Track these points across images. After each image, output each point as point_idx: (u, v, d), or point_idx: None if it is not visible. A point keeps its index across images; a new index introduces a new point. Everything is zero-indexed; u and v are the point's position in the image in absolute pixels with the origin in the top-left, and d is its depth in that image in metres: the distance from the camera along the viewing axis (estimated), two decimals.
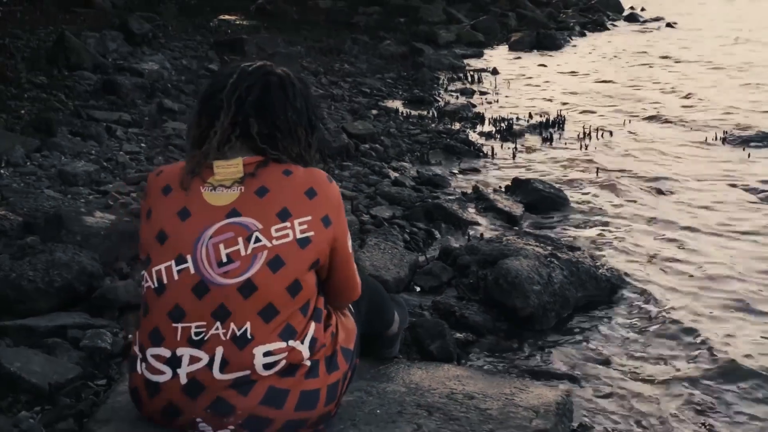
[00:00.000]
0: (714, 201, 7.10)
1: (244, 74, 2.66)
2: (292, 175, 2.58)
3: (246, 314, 2.46)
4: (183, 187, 2.58)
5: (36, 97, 8.70)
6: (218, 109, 2.62)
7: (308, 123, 2.74)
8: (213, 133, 2.60)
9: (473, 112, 10.67)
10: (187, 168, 2.62)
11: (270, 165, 2.60)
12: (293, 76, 2.75)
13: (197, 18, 15.52)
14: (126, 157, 6.88)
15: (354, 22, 17.81)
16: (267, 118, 2.63)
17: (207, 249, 2.48)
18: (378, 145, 8.48)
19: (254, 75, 2.66)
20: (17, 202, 5.21)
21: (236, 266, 2.48)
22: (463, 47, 16.75)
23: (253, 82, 2.65)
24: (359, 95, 11.19)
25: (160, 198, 2.60)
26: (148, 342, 2.54)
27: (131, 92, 9.19)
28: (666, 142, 9.25)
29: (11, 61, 10.29)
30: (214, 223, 2.51)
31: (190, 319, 2.47)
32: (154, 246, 2.55)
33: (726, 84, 12.75)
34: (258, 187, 2.54)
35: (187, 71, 11.07)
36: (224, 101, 2.61)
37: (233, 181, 2.55)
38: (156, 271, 2.53)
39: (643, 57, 15.75)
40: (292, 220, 2.51)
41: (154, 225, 2.57)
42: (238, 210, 2.52)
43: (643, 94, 12.12)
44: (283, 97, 2.67)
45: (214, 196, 2.55)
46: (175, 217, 2.54)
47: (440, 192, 7.14)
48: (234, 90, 2.62)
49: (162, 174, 2.69)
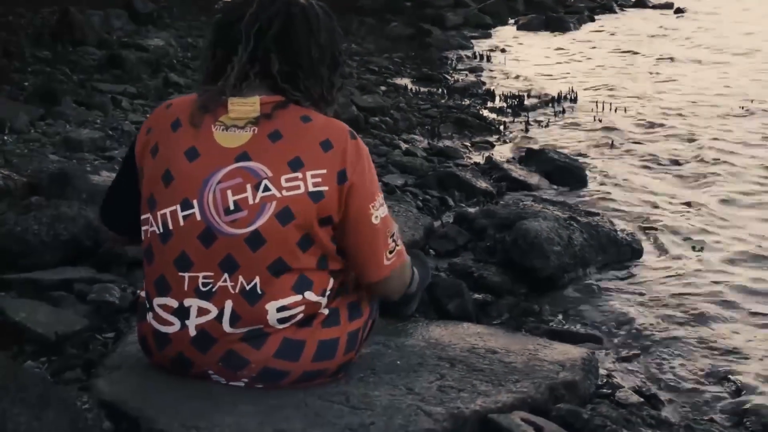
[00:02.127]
0: (737, 170, 6.93)
1: (264, 3, 2.45)
2: (311, 123, 2.38)
3: (255, 268, 2.30)
4: (193, 124, 2.39)
5: (40, 71, 8.59)
6: (236, 42, 2.40)
7: (332, 60, 2.53)
8: (230, 68, 2.40)
9: (483, 89, 10.53)
10: (198, 103, 2.43)
11: (289, 107, 2.40)
12: (317, 6, 2.54)
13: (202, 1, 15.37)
14: (132, 126, 6.76)
15: (360, 5, 17.66)
16: (289, 54, 2.42)
17: (214, 194, 2.31)
18: (388, 119, 8.35)
19: (276, 4, 2.45)
20: (21, 165, 5.09)
21: (244, 215, 2.30)
22: (471, 29, 16.59)
23: (275, 13, 2.43)
24: (367, 73, 11.05)
25: (168, 133, 2.41)
26: (154, 291, 2.39)
27: (136, 67, 9.07)
28: (681, 114, 9.11)
29: (14, 37, 10.17)
30: (223, 167, 2.33)
31: (197, 269, 2.32)
32: (159, 187, 2.37)
33: (740, 62, 12.58)
34: (272, 131, 2.35)
35: (192, 48, 10.94)
36: (243, 33, 2.40)
37: (247, 120, 2.36)
38: (161, 215, 2.36)
39: (653, 38, 15.59)
40: (304, 171, 2.31)
41: (160, 163, 2.39)
42: (248, 154, 2.33)
43: (656, 70, 11.96)
44: (307, 31, 2.45)
45: (226, 136, 2.36)
46: (182, 157, 2.35)
47: (452, 162, 6.99)
48: (254, 21, 2.40)
49: (172, 107, 2.50)
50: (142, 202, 2.45)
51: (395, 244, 2.54)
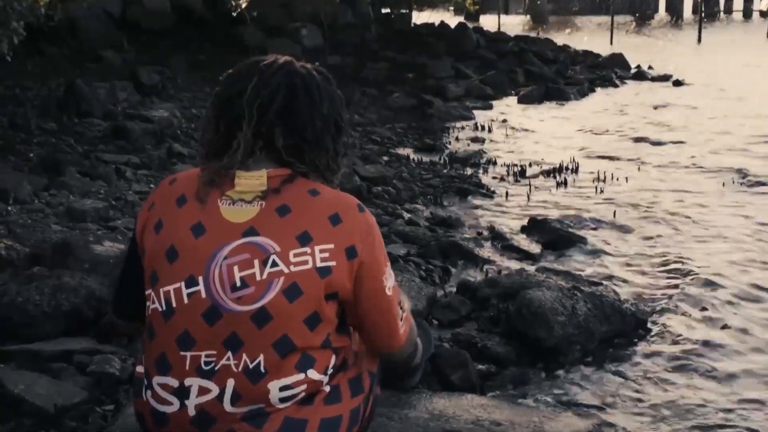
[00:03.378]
0: (736, 240, 6.95)
1: (265, 76, 2.43)
2: (319, 197, 2.35)
3: (259, 346, 2.26)
4: (198, 199, 2.36)
5: (45, 142, 8.67)
6: (239, 118, 2.38)
7: (335, 127, 2.51)
8: (236, 143, 2.38)
9: (485, 158, 10.59)
10: (204, 178, 2.40)
11: (296, 181, 2.37)
12: (317, 74, 2.54)
13: (206, 72, 15.57)
14: (135, 196, 6.79)
15: (363, 77, 17.89)
16: (293, 128, 2.39)
17: (221, 270, 2.27)
18: (390, 188, 8.38)
19: (277, 77, 2.43)
20: (24, 235, 5.09)
21: (250, 292, 2.26)
22: (473, 100, 16.73)
23: (277, 86, 2.41)
24: (370, 143, 11.13)
25: (173, 209, 2.37)
26: (154, 369, 2.34)
27: (141, 137, 9.16)
28: (682, 185, 9.15)
29: (21, 109, 10.30)
30: (229, 242, 2.29)
31: (200, 348, 2.26)
32: (163, 263, 2.34)
33: (737, 133, 12.68)
34: (280, 205, 2.31)
35: (196, 119, 11.05)
36: (246, 110, 2.39)
37: (254, 195, 2.34)
38: (164, 292, 2.31)
39: (652, 110, 15.73)
40: (313, 245, 2.28)
41: (165, 239, 2.35)
42: (256, 229, 2.29)
43: (654, 143, 12.03)
44: (309, 103, 2.43)
45: (233, 210, 2.32)
46: (188, 233, 2.32)
47: (455, 231, 6.99)
48: (256, 96, 2.38)
49: (176, 182, 2.46)
50: (144, 278, 2.41)
51: (402, 310, 2.53)
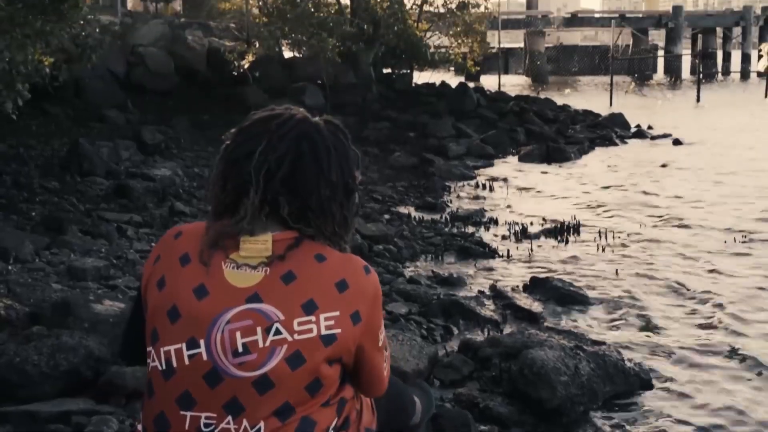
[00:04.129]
0: (737, 299, 6.92)
1: (274, 140, 2.39)
2: (325, 262, 2.31)
3: (260, 412, 2.22)
4: (202, 261, 2.35)
5: (47, 201, 8.69)
6: (246, 183, 2.37)
7: (344, 194, 2.44)
8: (243, 210, 2.36)
9: (486, 217, 10.60)
10: (208, 240, 2.37)
11: (302, 245, 2.33)
12: (328, 135, 2.49)
13: (209, 131, 15.69)
14: (136, 255, 6.78)
15: (364, 136, 18.01)
16: (298, 196, 2.37)
17: (222, 335, 2.24)
18: (392, 247, 8.38)
19: (285, 141, 2.38)
20: (24, 294, 5.06)
21: (253, 358, 2.22)
22: (474, 159, 16.83)
23: (284, 152, 2.35)
24: (371, 201, 11.15)
25: (176, 267, 2.34)
26: (152, 427, 2.31)
27: (143, 196, 9.19)
28: (683, 244, 9.13)
29: (24, 168, 10.35)
30: (233, 307, 2.25)
31: (200, 409, 2.23)
32: (164, 322, 2.31)
33: (737, 191, 12.71)
34: (285, 272, 2.28)
35: (198, 178, 11.10)
36: (253, 177, 2.37)
37: (259, 260, 2.31)
38: (164, 352, 2.28)
39: (653, 169, 15.80)
40: (318, 313, 2.24)
41: (167, 298, 2.32)
42: (260, 295, 2.26)
43: (655, 201, 12.07)
44: (316, 170, 2.38)
45: (237, 275, 2.29)
46: (190, 294, 2.29)
47: (456, 290, 6.97)
48: (263, 162, 2.34)
49: (181, 237, 2.43)
50: (145, 333, 2.39)
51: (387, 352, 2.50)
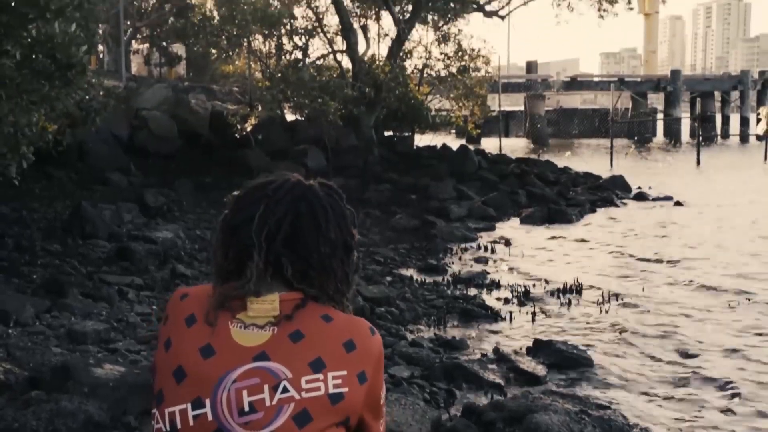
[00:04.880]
0: (747, 363, 6.86)
1: (271, 204, 2.45)
2: (332, 323, 2.32)
3: None
4: (209, 322, 2.34)
5: (49, 264, 8.68)
6: (249, 247, 2.40)
7: (344, 250, 2.49)
8: (249, 273, 2.38)
9: (489, 279, 10.57)
10: (215, 302, 2.38)
11: (308, 306, 2.35)
12: (324, 196, 2.54)
13: (211, 194, 15.76)
14: (137, 318, 6.75)
15: (366, 198, 18.07)
16: (299, 255, 2.41)
17: (228, 394, 2.23)
18: (394, 309, 8.34)
19: (282, 204, 2.44)
20: (24, 358, 5.03)
21: (259, 417, 2.21)
22: (475, 221, 16.85)
23: (283, 214, 2.41)
24: (373, 263, 11.14)
25: (183, 328, 2.35)
26: None
27: (144, 258, 9.18)
28: (686, 306, 9.10)
29: (27, 231, 10.37)
30: (239, 366, 2.25)
31: None
32: (170, 383, 2.30)
33: (739, 253, 12.70)
34: (293, 331, 2.29)
35: (200, 240, 11.10)
36: (255, 240, 2.39)
37: (267, 320, 2.32)
38: (169, 413, 2.27)
39: (654, 231, 15.81)
40: (326, 372, 2.24)
41: (173, 359, 2.32)
42: (267, 354, 2.25)
43: (657, 263, 12.05)
44: (315, 229, 2.43)
45: (244, 334, 2.29)
46: (196, 354, 2.28)
47: (459, 353, 6.91)
48: (263, 225, 2.38)
49: (187, 299, 2.43)
50: (152, 395, 2.37)
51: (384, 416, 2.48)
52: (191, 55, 35.59)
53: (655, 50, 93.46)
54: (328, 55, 25.53)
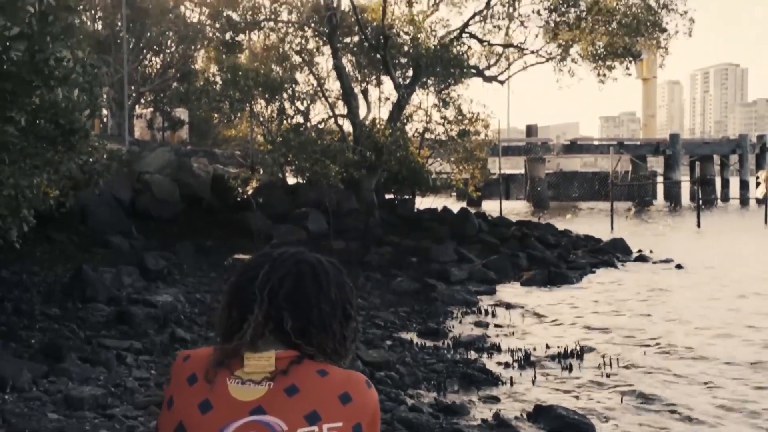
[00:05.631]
0: (743, 427, 6.80)
1: (276, 264, 2.53)
2: (328, 376, 2.37)
3: None
4: (208, 379, 2.39)
5: (48, 328, 8.65)
6: (251, 302, 2.46)
7: (343, 314, 2.55)
8: (246, 325, 2.43)
9: (489, 343, 10.52)
10: (214, 360, 2.43)
11: (304, 362, 2.40)
12: (326, 263, 2.62)
13: (212, 257, 15.77)
14: (135, 383, 6.70)
15: (367, 261, 18.06)
16: (300, 311, 2.46)
17: None
18: (393, 373, 8.28)
19: (286, 264, 2.52)
20: (19, 425, 4.99)
21: None
22: (476, 284, 16.82)
23: (286, 272, 2.49)
24: (373, 327, 11.11)
25: (184, 387, 2.40)
26: None
27: (144, 322, 9.15)
28: (687, 372, 9.04)
29: (27, 294, 10.36)
30: (236, 420, 2.29)
31: None
32: None
33: (740, 318, 12.65)
34: (288, 385, 2.33)
35: (200, 304, 11.08)
36: (257, 294, 2.46)
37: (263, 375, 2.36)
38: None
39: (655, 294, 15.78)
40: (321, 424, 2.27)
41: (174, 416, 2.36)
42: (263, 408, 2.30)
43: (658, 327, 12.00)
44: (316, 288, 2.51)
45: (241, 390, 2.34)
46: (195, 410, 2.33)
47: (459, 418, 6.85)
48: (266, 281, 2.46)
49: (189, 360, 2.50)
50: None
51: None
52: (194, 119, 35.98)
53: (653, 114, 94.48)
54: (329, 119, 25.83)
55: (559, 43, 27.70)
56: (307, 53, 26.13)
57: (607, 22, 26.55)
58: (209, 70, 29.24)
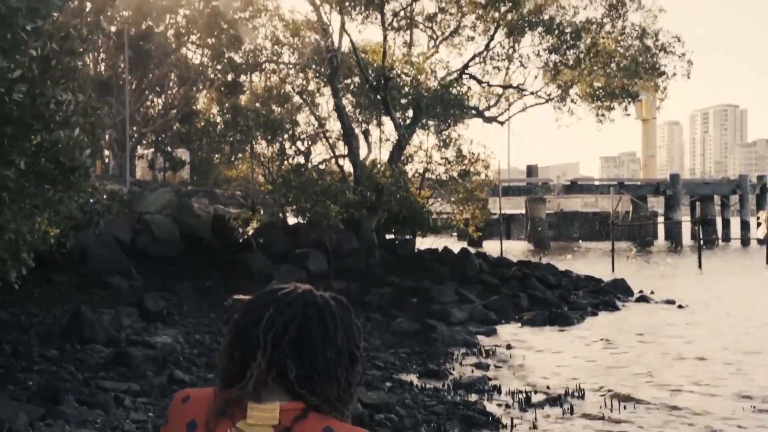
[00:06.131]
0: None
1: (281, 306, 2.46)
2: None
3: None
4: (208, 429, 2.34)
5: (46, 370, 8.61)
6: (254, 347, 2.40)
7: (349, 359, 2.49)
8: (249, 373, 2.38)
9: (489, 384, 10.46)
10: (216, 408, 2.38)
11: (309, 417, 2.35)
12: (334, 304, 2.56)
13: (212, 297, 15.73)
14: (133, 425, 6.65)
15: (367, 301, 18.01)
16: (305, 359, 2.40)
17: None
18: (393, 416, 8.22)
19: (292, 307, 2.45)
20: None
21: None
22: (476, 325, 16.75)
23: (291, 316, 2.42)
24: (373, 368, 11.03)
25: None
26: None
27: (142, 364, 9.11)
28: (691, 413, 8.95)
29: (25, 336, 10.31)
30: None
31: None
32: None
33: (742, 358, 12.58)
34: None
35: (199, 345, 11.03)
36: (261, 339, 2.40)
37: (266, 429, 2.31)
38: None
39: (657, 335, 15.71)
40: None
41: None
42: None
43: (660, 368, 11.93)
44: (322, 334, 2.44)
45: None
46: None
47: None
48: (271, 326, 2.40)
49: (188, 403, 2.43)
50: None
51: None
52: (195, 159, 36.10)
53: (653, 155, 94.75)
54: (330, 160, 25.91)
55: (559, 84, 27.87)
56: (308, 94, 26.30)
57: (606, 64, 26.73)
58: (210, 110, 29.41)
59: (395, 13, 25.51)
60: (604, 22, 27.40)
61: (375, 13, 24.45)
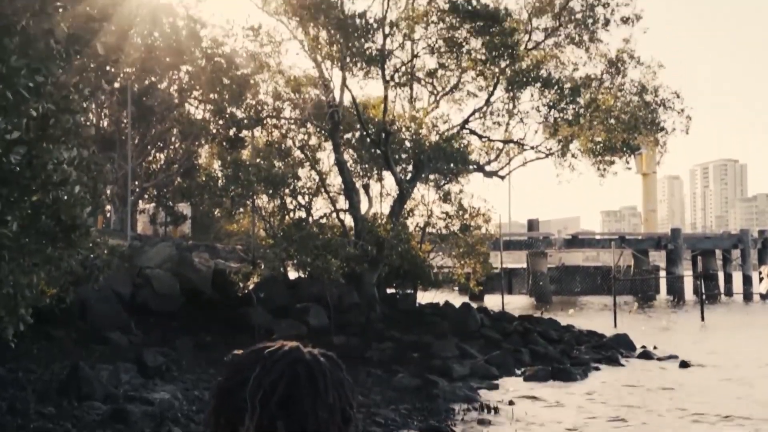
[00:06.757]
0: None
1: (268, 365, 2.41)
2: None
3: None
4: None
5: (42, 427, 8.51)
6: (241, 411, 2.35)
7: (342, 418, 2.43)
8: None
9: None
10: None
11: None
12: (323, 361, 2.51)
13: (212, 353, 15.62)
14: None
15: (368, 357, 17.88)
16: (295, 420, 2.35)
17: None
18: None
19: (280, 365, 2.40)
20: None
21: None
22: (478, 380, 16.62)
23: (279, 375, 2.37)
24: (373, 425, 10.92)
25: None
26: None
27: (140, 421, 9.02)
28: None
29: (22, 393, 10.22)
30: None
31: None
32: None
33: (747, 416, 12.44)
34: None
35: (198, 401, 10.92)
36: (248, 402, 2.35)
37: None
38: None
39: (660, 392, 15.57)
40: None
41: None
42: None
43: (664, 426, 11.79)
44: (313, 393, 2.38)
45: None
46: None
47: None
48: (258, 387, 2.34)
49: None
50: None
51: None
52: (196, 213, 36.17)
53: (654, 209, 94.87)
54: (330, 214, 25.95)
55: (559, 138, 28.01)
56: (309, 149, 26.44)
57: (605, 119, 26.89)
58: (212, 165, 29.54)
59: (396, 69, 25.76)
60: (603, 78, 27.65)
61: (376, 69, 24.69)
